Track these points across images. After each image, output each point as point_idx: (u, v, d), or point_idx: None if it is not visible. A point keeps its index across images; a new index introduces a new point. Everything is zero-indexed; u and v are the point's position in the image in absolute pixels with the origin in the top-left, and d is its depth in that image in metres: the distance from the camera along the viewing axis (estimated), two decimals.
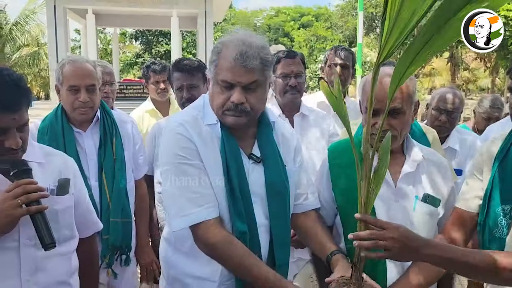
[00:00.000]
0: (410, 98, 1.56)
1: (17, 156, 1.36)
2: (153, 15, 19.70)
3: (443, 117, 2.68)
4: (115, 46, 24.38)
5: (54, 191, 1.47)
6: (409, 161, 1.63)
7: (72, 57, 2.15)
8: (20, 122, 1.32)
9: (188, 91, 2.42)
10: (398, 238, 1.22)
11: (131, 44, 37.35)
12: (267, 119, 1.60)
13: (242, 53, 1.41)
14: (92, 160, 2.11)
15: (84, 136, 2.13)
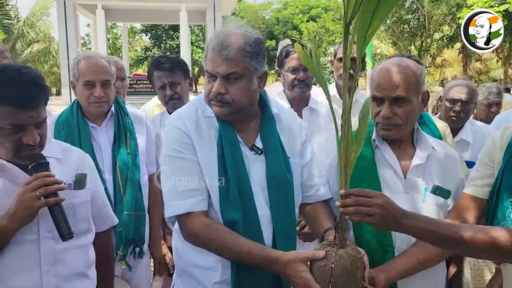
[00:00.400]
0: (414, 86, 1.55)
1: (35, 152, 1.39)
2: (162, 9, 19.74)
3: (457, 108, 2.67)
4: (125, 41, 24.49)
5: (71, 186, 1.51)
6: (419, 153, 1.63)
7: (87, 53, 2.20)
8: (37, 119, 1.35)
9: (171, 89, 2.44)
10: (382, 205, 1.24)
11: (140, 39, 37.47)
12: (269, 111, 1.61)
13: (220, 43, 1.43)
14: (107, 154, 2.16)
15: (99, 130, 2.18)
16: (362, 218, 1.25)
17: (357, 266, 1.28)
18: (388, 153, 1.64)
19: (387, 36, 26.29)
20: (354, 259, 1.27)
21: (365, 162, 1.62)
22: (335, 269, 1.25)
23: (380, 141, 1.65)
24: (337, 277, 1.25)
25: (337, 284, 1.26)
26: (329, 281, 1.26)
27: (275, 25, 38.92)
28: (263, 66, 1.52)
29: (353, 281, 1.28)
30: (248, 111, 1.55)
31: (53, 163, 1.47)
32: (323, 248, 1.31)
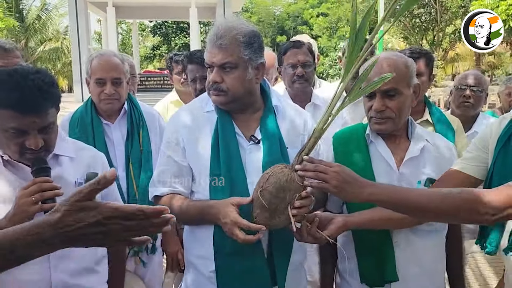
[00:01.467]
0: (405, 78, 1.57)
1: (40, 155, 1.40)
2: (172, 6, 19.81)
3: (467, 92, 2.68)
4: (135, 38, 24.62)
5: (82, 184, 1.51)
6: (412, 146, 1.64)
7: (101, 51, 2.25)
8: (41, 124, 1.36)
9: (201, 83, 2.44)
10: (339, 172, 1.27)
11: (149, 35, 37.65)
12: (270, 103, 1.65)
13: (215, 33, 1.51)
14: (120, 151, 2.19)
15: (112, 127, 2.22)
16: (318, 184, 1.29)
17: (290, 187, 1.33)
18: (382, 147, 1.65)
19: (398, 31, 26.05)
20: (291, 180, 1.33)
21: (359, 157, 1.64)
22: (271, 177, 1.35)
23: (374, 135, 1.67)
24: (269, 184, 1.34)
25: (265, 192, 1.34)
26: (261, 186, 1.35)
27: (286, 20, 38.77)
28: (259, 57, 1.56)
29: (281, 198, 1.34)
30: (246, 101, 1.60)
31: (66, 161, 1.51)
32: (279, 166, 1.39)
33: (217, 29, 1.52)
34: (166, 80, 17.63)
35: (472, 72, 2.82)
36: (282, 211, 1.35)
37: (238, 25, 1.52)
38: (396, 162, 1.63)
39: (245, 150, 1.59)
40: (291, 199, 1.34)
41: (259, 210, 1.36)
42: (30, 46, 23.11)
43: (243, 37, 1.51)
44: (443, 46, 26.10)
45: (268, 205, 1.34)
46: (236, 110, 1.61)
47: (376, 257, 1.58)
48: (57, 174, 1.47)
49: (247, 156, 1.58)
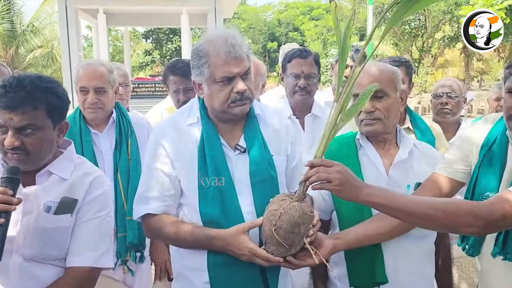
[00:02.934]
0: (392, 82, 1.64)
1: (18, 158, 1.37)
2: (163, 13, 19.74)
3: (443, 99, 2.76)
4: (126, 45, 24.57)
5: (50, 208, 1.44)
6: (401, 151, 1.68)
7: (88, 61, 2.29)
8: (17, 123, 1.33)
9: (184, 94, 2.45)
10: (341, 171, 1.29)
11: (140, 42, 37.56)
12: (252, 112, 1.67)
13: (232, 45, 1.50)
14: (108, 160, 2.20)
15: (100, 137, 2.23)
16: (322, 185, 1.30)
17: (304, 221, 1.34)
18: (371, 152, 1.69)
19: (388, 37, 26.29)
20: (304, 214, 1.34)
21: (349, 161, 1.65)
22: (283, 215, 1.33)
23: (364, 140, 1.71)
24: (282, 222, 1.33)
25: (280, 229, 1.34)
26: (274, 224, 1.34)
27: (277, 27, 38.96)
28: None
29: (296, 233, 1.34)
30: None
31: (53, 179, 1.47)
32: (283, 197, 1.38)
33: (230, 40, 1.50)
34: (158, 87, 17.62)
35: (445, 79, 2.93)
36: (298, 243, 1.38)
37: (240, 35, 1.55)
38: (385, 167, 1.66)
39: (232, 159, 1.60)
40: (306, 230, 1.37)
41: (275, 246, 1.37)
42: (20, 53, 22.94)
43: (248, 46, 1.56)
44: (432, 52, 26.39)
45: (285, 242, 1.35)
46: (221, 120, 1.62)
47: (365, 261, 1.60)
48: (31, 191, 1.42)
49: (234, 165, 1.59)
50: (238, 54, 1.50)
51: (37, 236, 1.41)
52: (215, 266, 1.54)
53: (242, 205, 1.55)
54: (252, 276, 1.52)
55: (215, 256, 1.52)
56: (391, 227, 1.53)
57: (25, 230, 1.41)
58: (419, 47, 25.99)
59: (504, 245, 1.41)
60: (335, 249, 1.50)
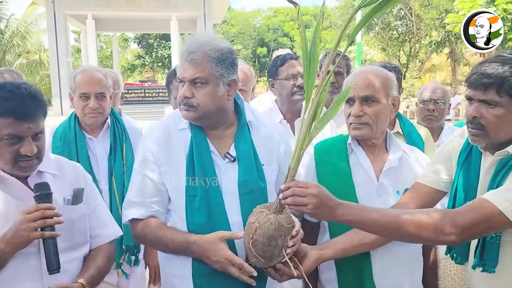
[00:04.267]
0: (383, 88, 1.64)
1: (32, 163, 1.43)
2: (152, 18, 19.75)
3: (430, 106, 2.78)
4: (115, 50, 24.44)
5: (70, 201, 1.55)
6: (391, 157, 1.69)
7: (84, 67, 2.30)
8: (35, 130, 1.41)
9: None
10: (317, 194, 1.27)
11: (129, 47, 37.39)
12: (244, 119, 1.64)
13: (187, 49, 1.51)
14: (103, 165, 2.21)
15: (95, 142, 2.25)
16: (298, 208, 1.30)
17: (280, 233, 1.33)
18: (362, 157, 1.69)
19: (376, 42, 26.56)
20: (280, 226, 1.33)
21: (340, 166, 1.69)
22: (258, 228, 1.33)
23: (356, 145, 1.71)
24: (258, 236, 1.32)
25: (257, 243, 1.33)
26: (251, 237, 1.33)
27: (266, 32, 39.11)
28: (231, 73, 1.55)
29: (273, 245, 1.34)
30: (217, 117, 1.59)
31: (50, 179, 1.52)
32: (261, 209, 1.37)
33: (189, 45, 1.52)
34: (147, 92, 17.58)
35: (433, 85, 2.91)
36: (278, 254, 1.37)
37: (210, 41, 1.52)
38: (375, 173, 1.67)
39: (220, 168, 1.58)
40: (284, 242, 1.36)
41: (255, 259, 1.37)
42: (7, 59, 22.73)
43: (214, 53, 1.50)
44: (420, 57, 26.72)
45: (263, 255, 1.35)
46: (208, 126, 1.60)
47: (353, 266, 1.61)
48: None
49: (222, 174, 1.57)
50: (190, 59, 1.49)
51: (68, 228, 1.49)
52: (200, 275, 1.54)
53: (230, 215, 1.54)
54: (235, 285, 1.50)
55: (200, 264, 1.52)
56: (375, 236, 1.53)
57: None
58: (406, 52, 26.29)
59: (482, 256, 1.42)
60: (319, 260, 1.50)
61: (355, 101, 1.63)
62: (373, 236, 1.51)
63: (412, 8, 23.31)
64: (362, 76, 1.65)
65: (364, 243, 1.54)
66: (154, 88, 17.56)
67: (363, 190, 1.65)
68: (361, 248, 1.56)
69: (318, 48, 1.35)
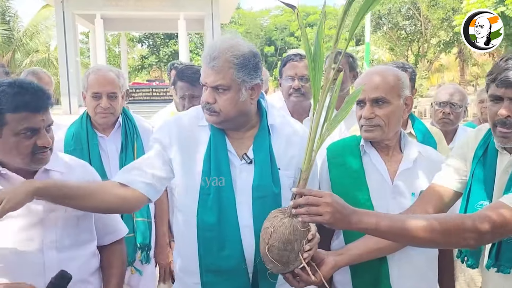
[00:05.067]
0: (395, 89, 1.60)
1: (47, 155, 1.45)
2: (160, 18, 19.83)
3: (446, 109, 2.72)
4: (123, 50, 24.55)
5: None
6: (405, 158, 1.66)
7: (97, 66, 2.32)
8: (48, 122, 1.45)
9: (190, 101, 2.44)
10: (331, 204, 1.24)
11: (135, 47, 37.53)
12: (265, 122, 1.62)
13: (209, 54, 1.49)
14: (114, 164, 2.23)
15: (107, 140, 2.27)
16: (312, 218, 1.26)
17: (296, 237, 1.31)
18: (376, 158, 1.67)
19: (384, 42, 26.45)
20: (295, 230, 1.30)
21: (353, 168, 1.66)
22: (273, 233, 1.30)
23: (369, 147, 1.69)
24: (274, 241, 1.30)
25: (273, 248, 1.31)
26: (267, 242, 1.32)
27: (273, 31, 39.09)
28: (254, 78, 1.52)
29: (289, 250, 1.31)
30: (240, 121, 1.57)
31: (57, 176, 1.53)
32: (276, 213, 1.35)
33: (211, 50, 1.49)
34: (155, 91, 17.64)
35: (451, 87, 2.84)
36: (294, 259, 1.34)
37: (233, 46, 1.49)
38: (389, 174, 1.64)
39: (236, 168, 1.57)
40: (300, 246, 1.33)
41: (272, 264, 1.35)
42: (16, 58, 22.93)
43: (237, 59, 1.47)
44: (428, 57, 26.56)
45: (279, 260, 1.33)
46: (230, 129, 1.60)
47: (369, 268, 1.59)
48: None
49: (238, 175, 1.56)
50: (211, 65, 1.48)
51: (72, 225, 1.52)
52: (207, 271, 1.54)
53: (240, 217, 1.53)
54: (242, 281, 1.51)
55: (205, 261, 1.53)
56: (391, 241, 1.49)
57: (56, 224, 1.49)
58: (414, 52, 26.15)
59: (498, 256, 1.40)
60: (336, 266, 1.46)
61: (365, 103, 1.61)
62: (388, 242, 1.48)
63: (420, 8, 23.19)
64: (372, 77, 1.62)
65: (380, 248, 1.52)
66: (161, 88, 17.60)
67: (377, 192, 1.62)
68: (377, 253, 1.54)
69: (323, 48, 1.32)
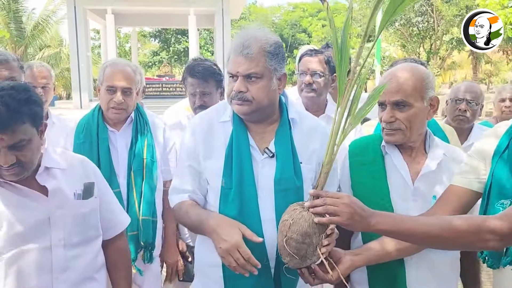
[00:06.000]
0: (416, 91, 1.55)
1: (15, 171, 1.38)
2: (171, 13, 19.88)
3: (462, 106, 2.67)
4: (134, 45, 24.67)
5: (80, 196, 1.55)
6: (429, 161, 1.61)
7: (115, 60, 2.30)
8: (9, 142, 1.32)
9: (201, 98, 2.41)
10: (349, 204, 1.24)
11: (148, 42, 37.70)
12: (285, 116, 1.63)
13: (242, 43, 1.50)
14: (123, 159, 2.20)
15: (117, 135, 2.24)
16: (330, 219, 1.26)
17: (315, 230, 1.30)
18: (397, 159, 1.63)
19: (395, 39, 26.19)
20: (314, 223, 1.29)
21: (374, 168, 1.63)
22: (292, 225, 1.30)
23: (391, 147, 1.64)
24: (292, 233, 1.30)
25: (291, 240, 1.30)
26: (285, 234, 1.31)
27: (284, 28, 38.93)
28: (282, 67, 1.57)
29: (308, 243, 1.30)
30: (268, 111, 1.59)
31: (59, 174, 1.52)
32: (295, 207, 1.34)
33: (243, 39, 1.51)
34: (165, 87, 17.71)
35: (468, 84, 2.79)
36: (312, 253, 1.33)
37: (265, 35, 1.53)
38: (411, 176, 1.60)
39: (258, 163, 1.58)
40: (318, 240, 1.32)
41: (289, 257, 1.34)
42: (29, 52, 23.14)
43: (269, 47, 1.51)
44: (440, 54, 26.25)
45: (297, 253, 1.32)
46: (256, 121, 1.60)
47: (386, 269, 1.55)
48: (54, 188, 1.48)
49: (259, 169, 1.57)
50: (243, 53, 1.49)
51: (79, 222, 1.52)
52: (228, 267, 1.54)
53: (262, 212, 1.53)
54: (264, 276, 1.51)
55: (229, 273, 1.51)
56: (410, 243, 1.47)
57: (63, 221, 1.48)
58: (426, 49, 25.85)
59: None
60: (353, 266, 1.45)
61: (386, 105, 1.57)
62: (407, 243, 1.46)
63: (434, 4, 22.88)
64: (394, 78, 1.55)
65: (399, 250, 1.49)
66: (171, 83, 17.67)
67: (398, 194, 1.59)
68: (395, 255, 1.50)
69: (349, 42, 1.31)
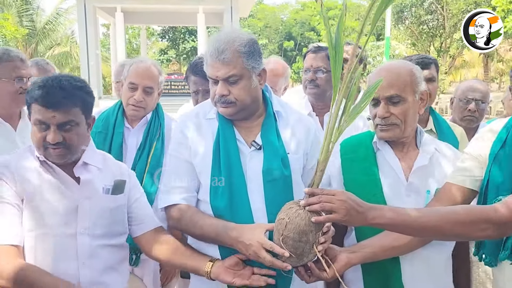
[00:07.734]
0: (409, 85, 1.56)
1: (59, 152, 1.49)
2: (179, 11, 19.95)
3: (472, 106, 2.62)
4: (143, 43, 24.79)
5: (109, 190, 1.63)
6: (421, 155, 1.62)
7: (141, 58, 2.33)
8: (60, 120, 1.47)
9: (203, 96, 2.38)
10: (345, 200, 1.24)
11: (157, 41, 37.88)
12: (271, 109, 1.67)
13: (216, 48, 1.52)
14: (130, 157, 2.21)
15: (131, 132, 2.26)
16: (328, 217, 1.26)
17: (311, 228, 1.30)
18: (389, 155, 1.63)
19: (405, 37, 26.02)
20: (311, 221, 1.30)
21: (366, 165, 1.63)
22: (289, 224, 1.31)
23: (382, 143, 1.64)
24: (289, 232, 1.31)
25: (287, 239, 1.31)
26: (281, 233, 1.32)
27: (293, 26, 38.84)
28: (260, 63, 1.59)
29: (304, 241, 1.31)
30: (252, 109, 1.62)
31: (94, 170, 1.61)
32: (291, 205, 1.35)
33: (217, 43, 1.53)
34: (173, 85, 17.77)
35: (476, 83, 2.75)
36: (309, 251, 1.34)
37: (238, 36, 1.55)
38: (404, 171, 1.61)
39: (246, 156, 1.60)
40: (315, 238, 1.33)
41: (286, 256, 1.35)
42: (39, 50, 23.37)
43: (244, 48, 1.53)
44: (451, 52, 26.02)
45: (294, 251, 1.33)
46: (239, 119, 1.62)
47: (381, 268, 1.56)
48: (86, 179, 1.58)
49: (248, 162, 1.60)
50: (222, 58, 1.51)
51: (105, 216, 1.59)
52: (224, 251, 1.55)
53: (253, 202, 1.56)
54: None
55: (225, 250, 1.54)
56: (406, 241, 1.48)
57: (90, 212, 1.56)
58: (437, 47, 25.64)
59: None
60: (349, 263, 1.45)
61: (379, 101, 1.56)
62: (403, 240, 1.46)
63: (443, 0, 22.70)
64: (385, 74, 1.56)
65: (395, 247, 1.49)
66: (180, 81, 17.72)
67: (391, 189, 1.59)
68: (391, 252, 1.50)
69: (343, 39, 1.32)
